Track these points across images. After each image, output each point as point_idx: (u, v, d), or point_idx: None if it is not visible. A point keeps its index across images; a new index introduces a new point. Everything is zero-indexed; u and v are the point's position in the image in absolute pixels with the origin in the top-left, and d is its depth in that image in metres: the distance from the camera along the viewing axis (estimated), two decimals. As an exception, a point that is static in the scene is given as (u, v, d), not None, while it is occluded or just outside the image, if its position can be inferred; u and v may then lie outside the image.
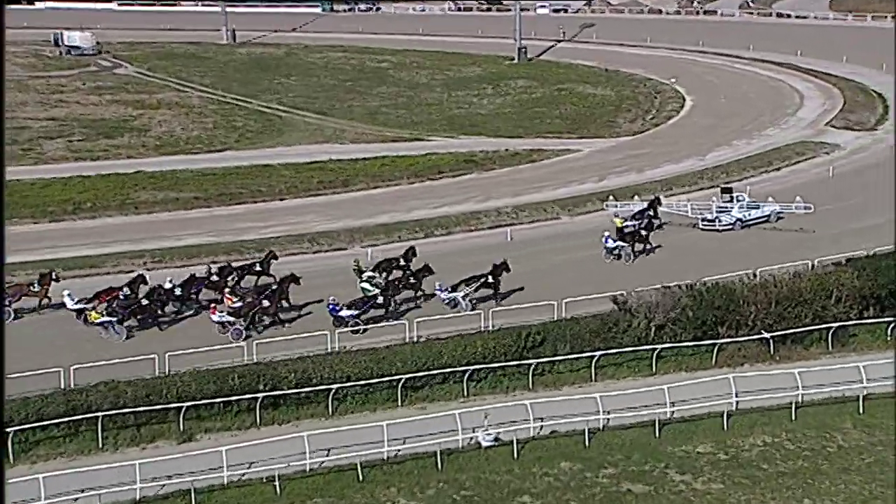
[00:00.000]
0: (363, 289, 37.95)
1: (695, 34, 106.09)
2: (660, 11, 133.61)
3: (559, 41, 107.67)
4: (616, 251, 43.08)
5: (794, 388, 31.31)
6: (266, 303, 36.37)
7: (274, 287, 37.47)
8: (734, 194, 48.73)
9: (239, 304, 36.27)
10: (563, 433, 30.04)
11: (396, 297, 37.67)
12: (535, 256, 43.63)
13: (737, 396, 31.17)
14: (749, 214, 47.41)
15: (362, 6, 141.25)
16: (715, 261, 41.20)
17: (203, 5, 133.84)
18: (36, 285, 37.60)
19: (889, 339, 35.32)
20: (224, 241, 45.57)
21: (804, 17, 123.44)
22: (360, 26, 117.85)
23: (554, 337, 33.95)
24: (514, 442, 29.17)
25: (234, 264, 40.34)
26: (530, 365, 32.90)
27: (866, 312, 35.83)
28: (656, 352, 33.81)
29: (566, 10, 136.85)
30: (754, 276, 36.89)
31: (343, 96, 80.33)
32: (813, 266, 38.15)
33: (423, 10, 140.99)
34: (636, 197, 50.27)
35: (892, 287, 35.81)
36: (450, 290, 37.81)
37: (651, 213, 46.65)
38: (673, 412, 30.72)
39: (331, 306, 36.08)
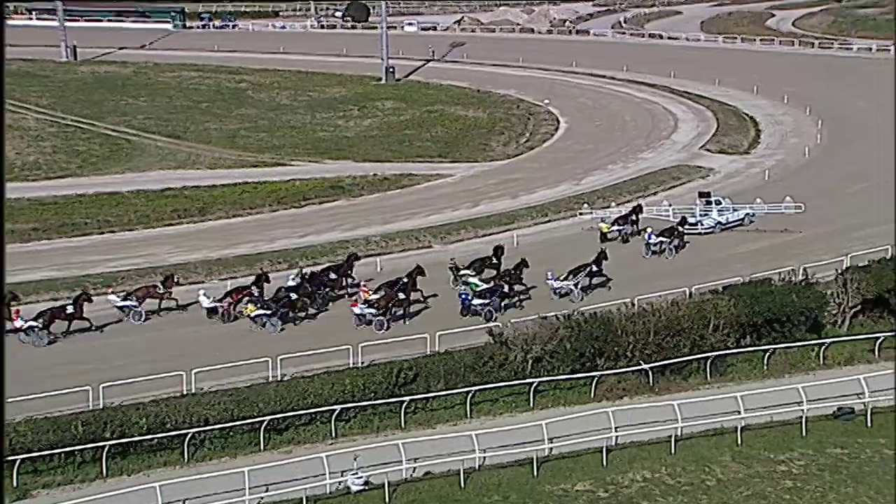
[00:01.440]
0: (469, 283, 41.62)
1: (568, 54, 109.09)
2: (532, 31, 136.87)
3: (428, 61, 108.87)
4: (657, 246, 47.32)
5: (672, 421, 32.22)
6: (402, 294, 40.40)
7: (405, 279, 41.16)
8: (713, 198, 52.47)
9: (376, 296, 40.02)
10: (437, 474, 30.07)
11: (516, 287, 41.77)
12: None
13: (616, 431, 31.84)
14: (728, 218, 51.48)
15: (217, 23, 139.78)
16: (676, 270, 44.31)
17: (39, 19, 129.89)
18: (161, 287, 41.20)
19: (766, 367, 36.85)
20: (68, 276, 44.10)
21: (676, 39, 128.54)
22: (215, 44, 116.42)
23: (427, 372, 34.04)
24: (386, 485, 29.04)
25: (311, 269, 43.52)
26: (402, 402, 32.90)
27: (743, 341, 37.29)
28: (534, 386, 34.30)
29: (435, 29, 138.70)
30: (632, 304, 37.92)
31: (198, 118, 79.13)
32: (691, 294, 39.49)
33: (284, 28, 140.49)
34: (613, 204, 54.39)
35: (768, 314, 37.37)
36: (560, 279, 42.08)
37: (634, 218, 50.37)
38: (551, 449, 31.16)
39: (463, 296, 40.34)
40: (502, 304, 40.91)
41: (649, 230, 48.37)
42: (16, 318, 37.89)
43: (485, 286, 41.47)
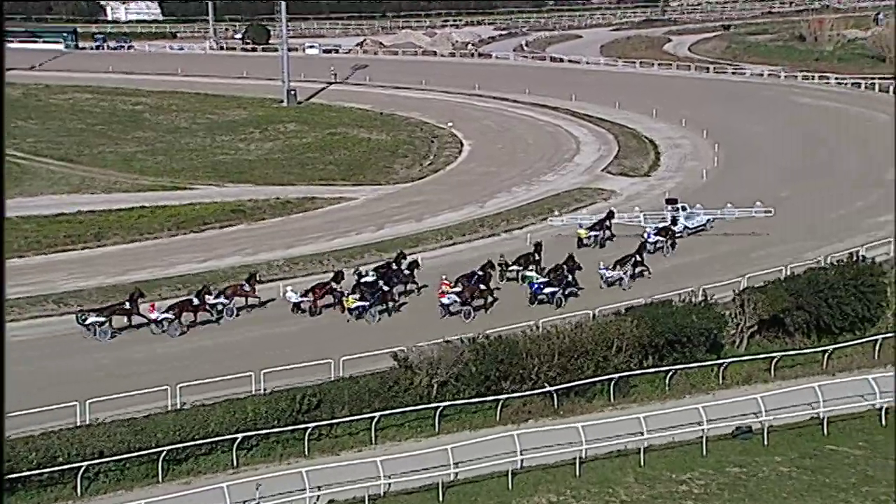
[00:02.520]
0: (527, 277, 44.92)
1: (471, 77, 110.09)
2: (434, 53, 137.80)
3: (331, 83, 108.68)
4: (656, 245, 50.21)
5: (577, 443, 32.63)
6: (482, 286, 43.42)
7: (480, 273, 44.04)
8: (679, 204, 55.23)
9: (459, 288, 42.96)
10: (341, 502, 29.86)
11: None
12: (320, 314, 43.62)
13: (521, 454, 32.10)
14: (693, 223, 54.35)
15: (112, 44, 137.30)
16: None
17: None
18: (247, 285, 43.56)
19: (667, 388, 37.64)
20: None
21: (577, 62, 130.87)
22: (110, 65, 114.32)
23: (331, 398, 33.86)
24: (290, 515, 28.77)
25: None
26: (306, 429, 32.61)
27: (646, 362, 38.04)
28: (439, 410, 34.37)
29: (337, 51, 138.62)
30: (537, 327, 38.35)
31: (93, 141, 77.44)
32: (594, 315, 40.12)
33: (182, 50, 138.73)
34: (584, 210, 57.73)
35: (669, 335, 38.20)
36: (611, 268, 45.92)
37: (608, 223, 52.96)
38: (457, 473, 31.24)
39: (534, 285, 43.66)
40: (566, 292, 44.13)
41: (648, 230, 51.62)
42: (152, 310, 40.97)
43: (543, 278, 44.63)
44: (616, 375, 36.71)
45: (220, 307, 42.41)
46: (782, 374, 39.17)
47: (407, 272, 45.93)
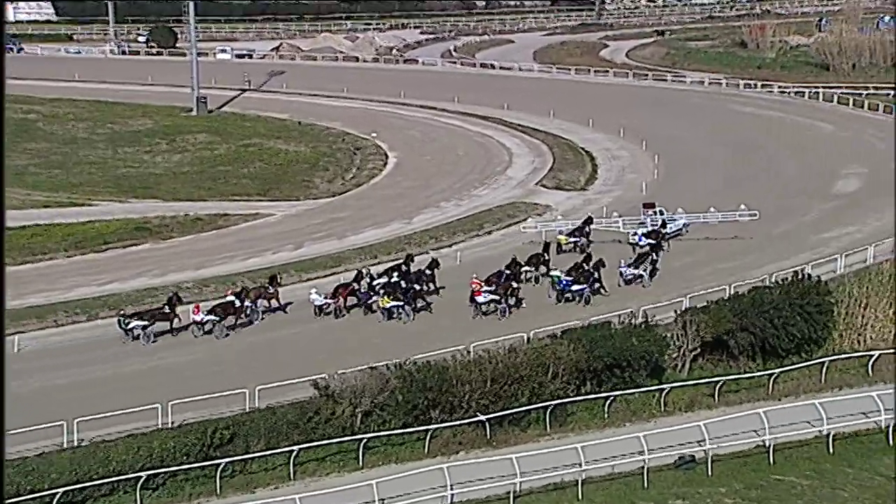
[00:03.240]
0: (552, 276, 48.24)
1: (396, 84, 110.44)
2: (356, 59, 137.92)
3: (244, 90, 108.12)
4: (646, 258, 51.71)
5: (511, 476, 32.74)
6: (515, 284, 46.60)
7: (507, 271, 47.54)
8: (657, 208, 58.38)
9: (493, 287, 45.84)
10: (257, 544, 29.62)
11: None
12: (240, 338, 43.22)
13: (452, 488, 32.10)
14: (669, 228, 56.94)
15: None
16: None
17: None
18: (270, 288, 46.14)
19: (606, 416, 38.00)
20: None
21: (508, 69, 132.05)
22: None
23: (246, 431, 33.56)
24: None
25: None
26: (218, 465, 32.25)
27: (584, 388, 38.37)
28: (363, 442, 34.25)
29: (251, 56, 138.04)
30: (468, 352, 38.48)
31: (-20, 152, 75.81)
32: (529, 339, 40.39)
33: (79, 53, 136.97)
34: (559, 217, 60.04)
35: (608, 359, 38.60)
36: (633, 266, 49.62)
37: (587, 229, 55.84)
38: (383, 511, 31.19)
39: (562, 282, 46.98)
40: (594, 289, 47.44)
41: (638, 234, 54.95)
42: (196, 312, 43.39)
43: (567, 277, 47.57)
44: (552, 403, 36.97)
45: (248, 310, 44.93)
46: (726, 400, 39.82)
47: (429, 272, 48.72)
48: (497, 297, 45.75)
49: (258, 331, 44.71)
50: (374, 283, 47.12)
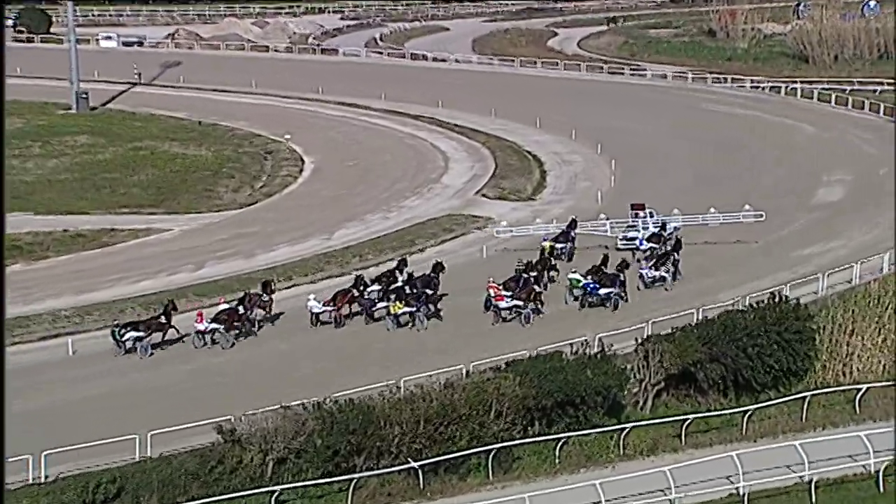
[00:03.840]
0: (571, 279, 51.00)
1: (313, 78, 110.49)
2: (267, 48, 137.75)
3: (134, 84, 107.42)
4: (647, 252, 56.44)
5: (449, 531, 32.85)
6: (537, 287, 49.82)
7: (535, 275, 50.77)
8: (647, 210, 60.61)
9: (511, 292, 48.95)
10: None
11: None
12: (119, 372, 42.78)
13: (380, 547, 32.11)
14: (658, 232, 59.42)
15: None
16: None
17: None
18: (264, 295, 48.58)
19: (558, 460, 38.19)
20: None
21: (443, 60, 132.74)
22: None
23: (136, 484, 33.24)
24: None
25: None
26: (101, 528, 31.93)
27: (531, 428, 38.55)
28: (275, 495, 34.10)
29: (141, 44, 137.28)
30: (398, 388, 38.47)
31: None
32: (468, 373, 40.49)
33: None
34: (538, 220, 62.22)
35: (560, 395, 38.80)
36: (654, 268, 53.14)
37: (573, 234, 58.52)
38: (299, 575, 31.06)
39: (589, 285, 49.99)
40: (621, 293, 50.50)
41: (639, 237, 58.10)
42: (200, 320, 45.64)
43: (585, 280, 50.39)
44: (496, 446, 37.09)
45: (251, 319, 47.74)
46: (694, 441, 40.21)
47: (433, 276, 51.13)
48: (520, 303, 48.64)
49: (255, 343, 46.94)
50: (369, 290, 49.95)
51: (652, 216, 60.43)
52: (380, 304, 49.01)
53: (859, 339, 46.33)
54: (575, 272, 51.63)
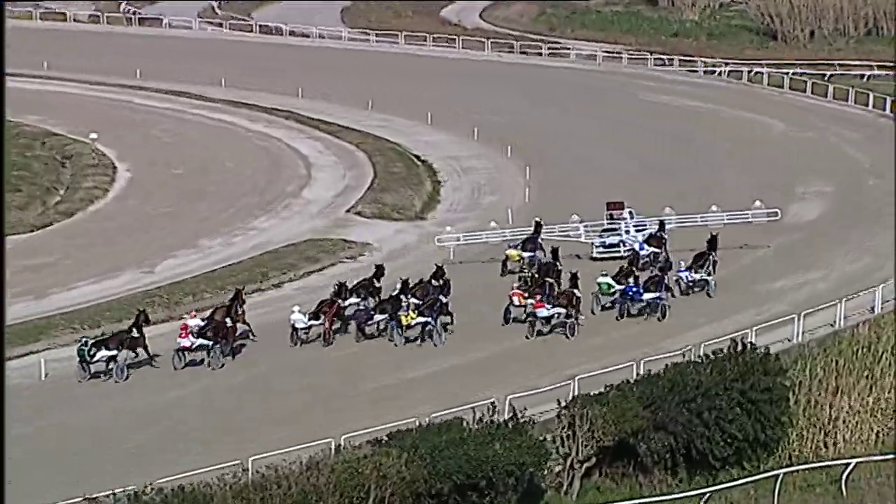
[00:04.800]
0: (601, 284, 55.61)
1: (128, 57, 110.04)
2: (65, 17, 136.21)
3: None
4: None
5: None
6: (577, 292, 53.89)
7: (544, 279, 55.66)
8: (627, 210, 65.03)
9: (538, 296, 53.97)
10: None
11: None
12: None
13: None
14: (638, 236, 63.65)
15: None
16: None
17: None
18: (239, 308, 52.65)
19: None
20: None
21: (305, 36, 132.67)
22: None
23: None
24: None
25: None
26: None
27: (424, 521, 38.49)
28: None
29: None
30: (244, 470, 38.12)
31: None
32: (340, 447, 40.28)
33: None
34: (493, 224, 64.85)
35: (459, 476, 38.74)
36: (692, 270, 58.18)
37: (541, 240, 62.15)
38: None
39: (631, 289, 54.70)
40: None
41: (638, 240, 62.55)
42: (185, 335, 49.56)
43: (618, 286, 55.39)
44: (376, 546, 36.94)
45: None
46: (638, 536, 40.44)
47: (443, 281, 56.03)
48: (563, 311, 52.96)
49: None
50: (346, 304, 54.60)
51: (632, 216, 64.62)
52: (377, 317, 53.37)
53: (845, 399, 46.76)
54: (605, 275, 55.95)
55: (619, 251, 63.18)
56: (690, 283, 58.02)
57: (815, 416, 46.30)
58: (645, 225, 64.84)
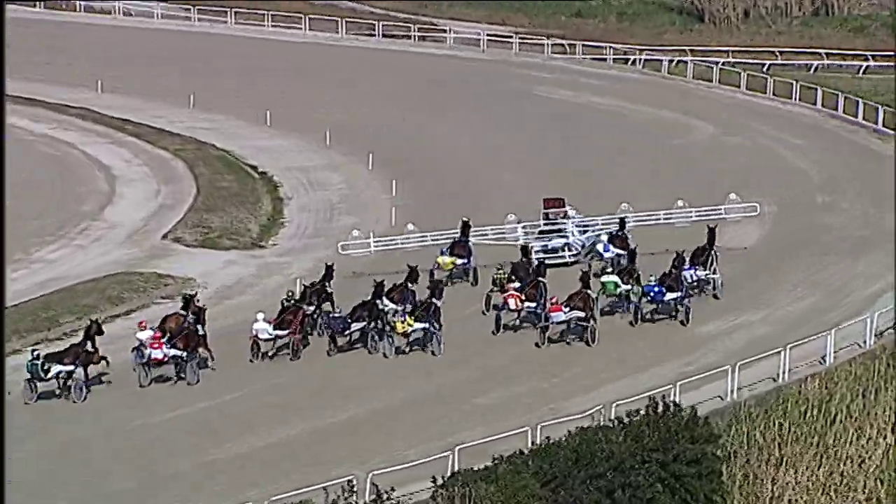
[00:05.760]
0: (606, 283, 60.07)
1: None
2: None
3: None
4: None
5: None
6: (591, 293, 58.48)
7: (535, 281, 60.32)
8: (566, 207, 69.18)
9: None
10: None
11: None
12: None
13: None
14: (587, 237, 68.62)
15: None
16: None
17: None
18: (192, 317, 56.33)
19: None
20: None
21: (107, 13, 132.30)
22: None
23: None
24: None
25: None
26: None
27: None
28: None
29: None
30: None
31: None
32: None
33: None
34: (411, 227, 67.73)
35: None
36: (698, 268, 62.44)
37: (471, 245, 66.28)
38: None
39: (652, 288, 59.43)
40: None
41: (603, 241, 66.35)
42: (158, 345, 53.62)
43: (625, 286, 59.78)
44: None
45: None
46: None
47: (437, 282, 60.35)
48: (581, 314, 57.00)
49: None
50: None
51: (569, 217, 68.90)
52: (354, 326, 56.97)
53: (791, 472, 47.42)
54: (610, 271, 61.55)
55: (563, 257, 66.94)
56: (695, 283, 62.10)
57: (753, 494, 46.77)
58: (588, 226, 69.00)
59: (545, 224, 67.99)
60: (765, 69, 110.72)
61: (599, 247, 66.22)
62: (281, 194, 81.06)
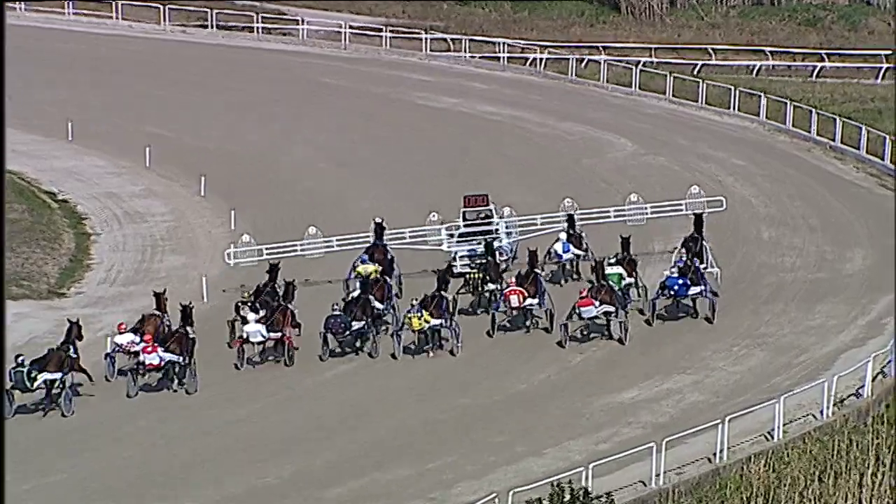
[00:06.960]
0: (609, 276, 66.35)
1: None
2: None
3: None
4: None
5: None
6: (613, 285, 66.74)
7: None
8: (488, 207, 74.53)
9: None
10: None
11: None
12: None
13: None
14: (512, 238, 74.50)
15: None
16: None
17: None
18: (166, 316, 63.26)
19: None
20: None
21: None
22: None
23: None
24: None
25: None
26: None
27: None
28: None
29: None
30: None
31: None
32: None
33: None
34: (315, 230, 71.64)
35: None
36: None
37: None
38: None
39: (673, 281, 66.25)
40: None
41: (562, 240, 72.20)
42: (153, 349, 58.61)
43: (670, 276, 66.66)
44: None
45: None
46: None
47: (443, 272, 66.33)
48: (612, 309, 63.87)
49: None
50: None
51: (490, 216, 74.50)
52: (355, 325, 62.67)
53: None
54: (613, 263, 67.59)
55: (558, 250, 70.32)
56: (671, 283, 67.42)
57: None
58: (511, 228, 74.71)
59: (467, 225, 71.31)
60: (696, 71, 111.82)
61: (558, 246, 71.77)
62: (87, 229, 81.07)
